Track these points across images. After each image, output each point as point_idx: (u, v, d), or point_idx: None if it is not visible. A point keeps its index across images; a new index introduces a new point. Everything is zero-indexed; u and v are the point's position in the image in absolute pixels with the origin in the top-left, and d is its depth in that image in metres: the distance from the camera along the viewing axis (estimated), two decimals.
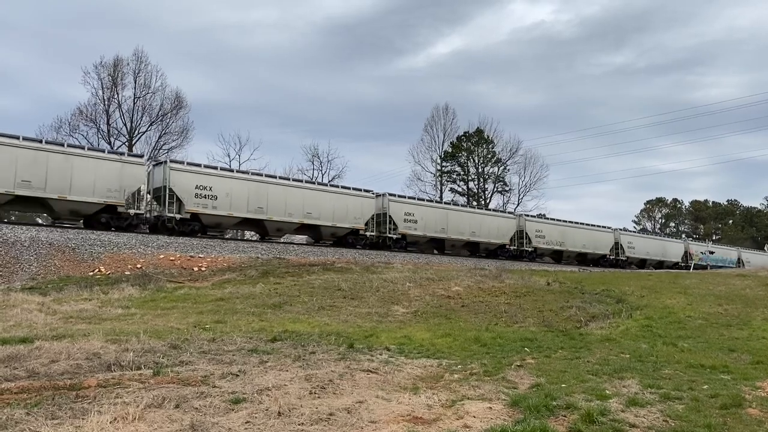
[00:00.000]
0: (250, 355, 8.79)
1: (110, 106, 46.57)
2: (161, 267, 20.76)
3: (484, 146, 62.58)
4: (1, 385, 6.26)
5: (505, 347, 10.57)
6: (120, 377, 6.76)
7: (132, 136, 46.91)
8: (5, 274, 17.71)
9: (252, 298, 16.08)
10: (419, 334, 11.75)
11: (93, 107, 46.10)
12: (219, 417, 5.35)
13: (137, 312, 13.56)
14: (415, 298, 16.61)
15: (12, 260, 18.43)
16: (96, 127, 46.13)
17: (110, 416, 5.01)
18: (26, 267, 18.43)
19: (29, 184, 22.45)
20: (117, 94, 46.76)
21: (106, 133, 46.27)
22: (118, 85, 46.69)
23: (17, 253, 18.89)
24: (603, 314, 14.69)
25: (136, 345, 8.75)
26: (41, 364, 7.39)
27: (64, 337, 9.50)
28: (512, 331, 12.52)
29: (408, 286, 18.30)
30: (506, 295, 17.32)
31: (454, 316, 14.60)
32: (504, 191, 63.38)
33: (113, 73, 46.34)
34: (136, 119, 47.35)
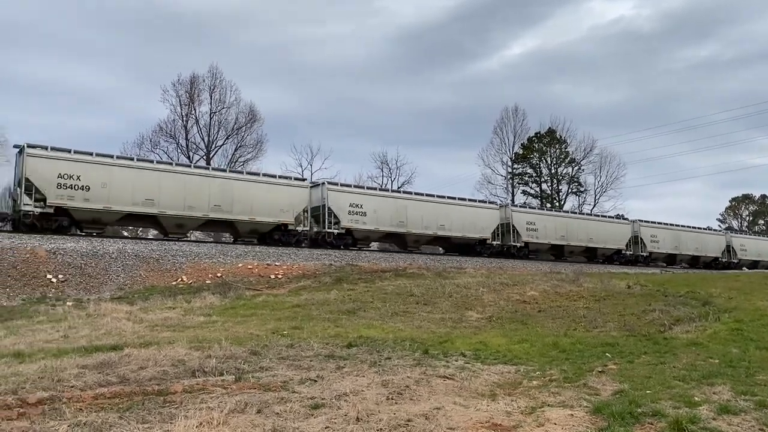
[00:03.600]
0: (327, 361, 8.90)
1: (188, 122, 48.60)
2: (240, 275, 21.37)
3: (557, 146, 61.19)
4: (95, 391, 6.59)
5: (585, 353, 10.27)
6: (204, 383, 6.99)
7: (209, 150, 48.67)
8: (96, 285, 18.69)
9: (327, 304, 16.30)
10: (495, 340, 11.58)
11: (172, 123, 48.26)
12: (299, 422, 5.44)
13: (218, 319, 14.00)
14: (489, 304, 16.40)
15: (101, 271, 19.42)
16: (176, 142, 48.21)
17: (196, 421, 5.19)
18: (114, 278, 19.38)
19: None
20: (194, 110, 48.74)
21: (185, 147, 48.25)
22: (195, 101, 48.66)
23: (106, 264, 19.90)
24: (688, 317, 14.03)
25: (218, 352, 9.03)
26: (131, 370, 7.74)
27: (151, 344, 9.91)
28: (592, 336, 12.15)
29: (482, 291, 18.09)
30: (585, 299, 16.84)
31: (531, 321, 14.31)
32: (579, 192, 61.79)
33: (190, 90, 48.33)
34: (212, 133, 49.18)
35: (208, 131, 48.97)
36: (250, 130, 50.54)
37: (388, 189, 33.40)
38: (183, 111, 48.48)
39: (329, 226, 28.89)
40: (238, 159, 49.68)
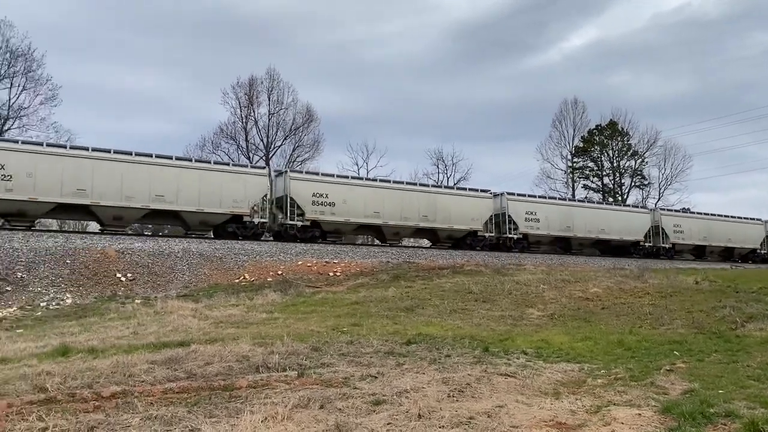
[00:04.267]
0: (386, 358, 8.94)
1: (248, 123, 49.62)
2: (299, 273, 21.70)
3: (619, 139, 59.48)
4: (164, 385, 6.82)
5: (652, 351, 9.97)
6: (268, 378, 7.13)
7: (268, 151, 49.59)
8: (162, 283, 19.32)
9: (385, 301, 16.36)
10: (557, 338, 11.37)
11: (232, 125, 49.44)
12: (361, 418, 5.49)
13: (280, 316, 14.25)
14: (550, 301, 16.11)
15: (168, 270, 20.07)
16: (236, 144, 49.34)
17: (261, 416, 5.30)
18: (180, 276, 19.99)
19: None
20: (253, 112, 49.73)
21: (245, 149, 49.30)
22: (254, 103, 49.66)
23: (172, 263, 20.55)
24: (762, 314, 13.40)
25: (280, 348, 9.19)
26: (198, 366, 7.97)
27: (216, 340, 10.19)
28: (659, 334, 11.77)
29: (542, 288, 17.80)
30: (650, 296, 16.34)
31: (594, 318, 13.98)
32: (642, 185, 59.94)
33: (249, 92, 49.35)
34: (271, 134, 50.06)
35: (267, 132, 49.94)
36: (307, 130, 51.25)
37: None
38: (242, 113, 49.61)
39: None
40: (296, 159, 50.44)
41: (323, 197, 27.79)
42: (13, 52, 39.94)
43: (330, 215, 27.88)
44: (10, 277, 17.31)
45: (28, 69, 40.39)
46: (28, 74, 40.42)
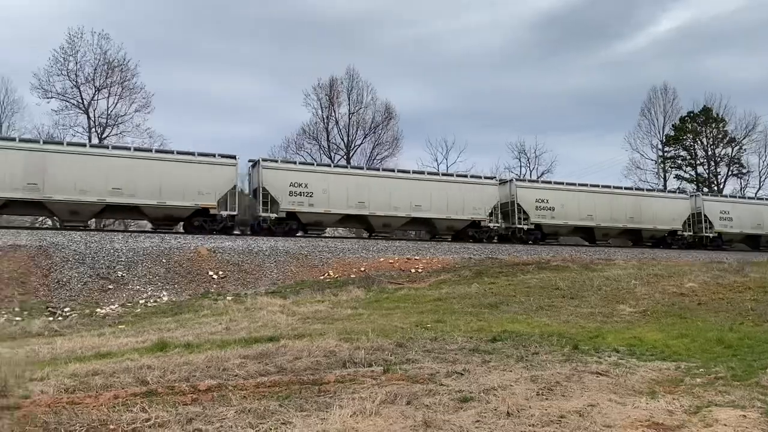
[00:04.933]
0: (471, 355, 8.86)
1: (329, 124, 50.49)
2: (382, 269, 21.88)
3: (713, 126, 56.27)
4: (256, 379, 7.04)
5: (756, 349, 9.38)
6: (354, 374, 7.23)
7: (349, 150, 50.28)
8: (252, 280, 19.99)
9: (468, 298, 16.24)
10: (651, 335, 10.91)
11: (314, 126, 50.43)
12: (449, 415, 5.46)
13: (364, 312, 14.42)
14: (642, 297, 15.49)
15: (257, 268, 20.74)
16: (318, 144, 50.33)
17: (350, 410, 5.38)
18: (268, 273, 20.61)
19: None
20: (334, 112, 50.54)
21: (326, 148, 50.19)
22: (335, 103, 50.45)
23: (260, 261, 21.21)
24: None
25: (365, 343, 9.30)
26: (287, 360, 8.19)
27: (304, 336, 10.43)
28: (763, 331, 11.07)
29: (633, 283, 17.14)
30: (752, 291, 15.41)
31: (690, 315, 13.32)
32: (740, 174, 56.50)
33: (330, 93, 50.19)
34: (351, 133, 50.71)
35: (347, 131, 50.62)
36: (386, 128, 51.56)
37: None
38: (323, 113, 50.51)
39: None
40: (375, 157, 50.87)
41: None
42: (110, 63, 42.39)
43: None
44: (112, 276, 18.38)
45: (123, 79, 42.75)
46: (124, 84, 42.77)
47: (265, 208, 25.34)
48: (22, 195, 21.80)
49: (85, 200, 22.49)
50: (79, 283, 17.64)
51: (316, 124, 50.52)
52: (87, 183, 22.37)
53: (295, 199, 25.79)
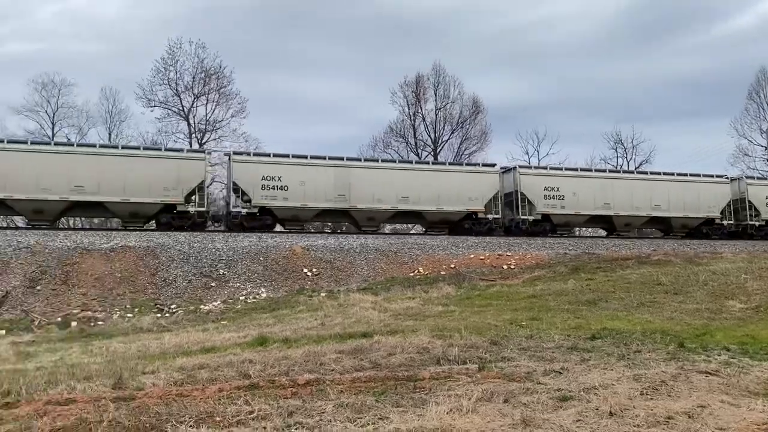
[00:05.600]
0: (570, 353, 8.61)
1: (415, 120, 50.56)
2: (472, 266, 21.68)
3: None
4: (352, 375, 7.16)
5: None
6: (449, 371, 7.20)
7: (436, 146, 50.15)
8: (344, 277, 20.36)
9: (564, 294, 15.81)
10: (765, 333, 10.21)
11: (401, 123, 50.65)
12: (548, 414, 5.33)
13: (455, 309, 14.35)
14: (755, 292, 14.53)
15: (348, 265, 21.09)
16: (405, 141, 50.53)
17: (446, 407, 5.36)
18: (359, 270, 20.92)
19: None
20: (421, 109, 50.54)
21: (413, 145, 50.31)
22: (421, 99, 50.44)
23: (351, 258, 21.56)
24: None
25: (459, 341, 9.25)
26: (381, 356, 8.28)
27: (396, 332, 10.50)
28: None
29: (744, 278, 16.11)
30: None
31: None
32: None
33: (416, 90, 50.23)
34: (438, 129, 50.55)
35: (434, 127, 50.50)
36: (474, 122, 51.01)
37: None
38: (410, 110, 50.63)
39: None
40: (463, 152, 50.45)
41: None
42: (207, 71, 44.40)
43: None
44: (214, 274, 19.24)
45: (220, 85, 44.67)
46: (220, 90, 44.69)
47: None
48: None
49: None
50: (184, 282, 18.59)
51: (403, 121, 50.73)
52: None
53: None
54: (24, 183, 22.25)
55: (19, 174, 22.24)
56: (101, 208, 23.90)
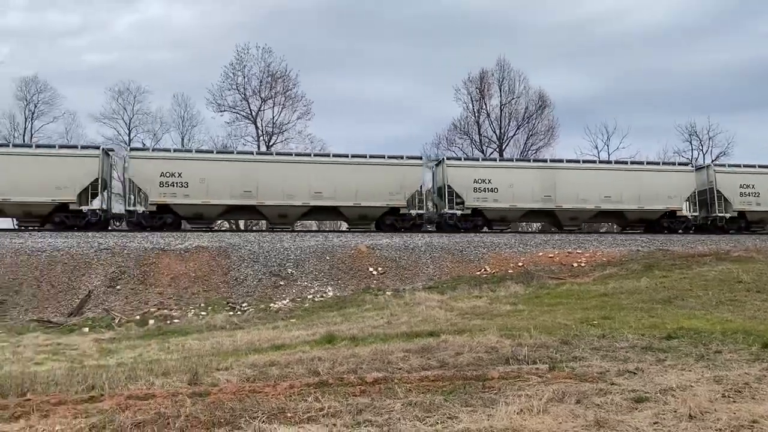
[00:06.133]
0: (644, 353, 8.32)
1: (480, 117, 50.11)
2: (541, 264, 21.30)
3: None
4: (419, 373, 7.16)
5: None
6: (518, 370, 7.09)
7: (502, 142, 49.54)
8: (409, 276, 20.40)
9: (637, 293, 15.31)
10: None
11: (465, 120, 50.32)
12: (623, 415, 5.17)
13: (524, 308, 14.13)
14: None
15: (413, 264, 21.12)
16: (469, 138, 50.16)
17: (516, 407, 5.28)
18: (424, 269, 20.91)
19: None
20: (485, 105, 50.07)
21: (478, 142, 49.88)
22: (486, 96, 49.97)
23: (417, 257, 21.57)
24: None
25: (528, 340, 9.09)
26: (449, 355, 8.24)
27: (464, 331, 10.43)
28: None
29: None
30: None
31: None
32: None
33: (480, 86, 49.80)
34: (503, 125, 49.94)
35: (499, 124, 49.91)
36: (541, 117, 50.15)
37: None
38: (474, 107, 50.24)
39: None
40: (530, 148, 49.64)
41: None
42: (273, 75, 45.42)
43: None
44: (283, 273, 19.66)
45: (286, 89, 45.65)
46: (287, 93, 45.66)
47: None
48: None
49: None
50: (254, 281, 19.08)
51: (467, 118, 50.40)
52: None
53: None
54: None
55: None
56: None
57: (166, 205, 24.01)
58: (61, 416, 5.46)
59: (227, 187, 24.30)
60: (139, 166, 24.18)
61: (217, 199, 24.29)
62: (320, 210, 25.89)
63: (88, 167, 23.54)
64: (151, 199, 23.78)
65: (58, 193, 22.91)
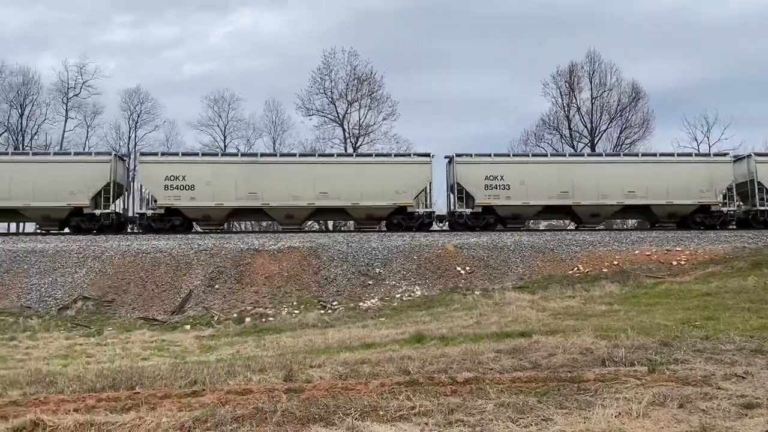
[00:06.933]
0: (754, 356, 7.81)
1: (570, 111, 48.74)
2: (637, 263, 20.45)
3: None
4: (511, 374, 7.05)
5: None
6: (615, 372, 6.85)
7: (593, 136, 47.97)
8: (498, 276, 20.11)
9: (744, 292, 14.40)
10: None
11: (554, 115, 49.09)
12: (731, 421, 4.88)
13: (620, 308, 13.61)
14: None
15: (502, 263, 20.81)
16: (558, 134, 48.90)
17: (614, 410, 5.10)
18: (514, 268, 20.55)
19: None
20: (575, 99, 48.64)
21: (568, 137, 48.53)
22: (575, 89, 48.55)
23: (505, 256, 21.24)
24: None
25: (625, 341, 8.75)
26: (541, 356, 8.06)
27: (556, 332, 10.17)
28: None
29: None
30: None
31: None
32: None
33: (569, 80, 48.45)
34: (595, 119, 48.33)
35: (590, 117, 48.35)
36: (635, 110, 48.15)
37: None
38: (563, 101, 48.92)
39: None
40: (623, 141, 47.75)
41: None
42: (359, 77, 46.09)
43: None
44: (371, 272, 19.90)
45: (371, 91, 46.21)
46: (372, 95, 46.21)
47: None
48: None
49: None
50: (343, 280, 19.42)
51: (556, 113, 49.16)
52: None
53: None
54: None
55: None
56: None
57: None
58: (167, 409, 5.77)
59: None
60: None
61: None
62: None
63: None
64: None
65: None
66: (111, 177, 24.37)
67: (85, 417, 5.42)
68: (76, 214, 24.37)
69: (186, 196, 24.34)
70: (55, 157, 26.15)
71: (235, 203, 24.77)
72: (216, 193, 24.48)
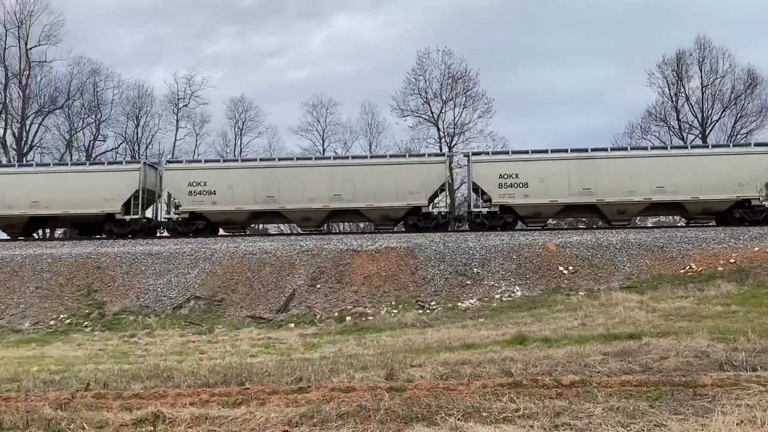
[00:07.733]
0: None
1: (678, 101, 46.15)
2: (757, 261, 19.04)
3: None
4: (620, 377, 6.76)
5: None
6: (735, 377, 6.41)
7: (705, 127, 45.18)
8: (603, 275, 19.36)
9: None
10: None
11: (661, 106, 46.63)
12: None
13: (738, 309, 12.78)
14: None
15: (608, 262, 20.01)
16: (666, 125, 46.42)
17: (735, 418, 4.77)
18: (621, 268, 19.70)
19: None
20: (683, 88, 46.00)
21: (677, 129, 45.98)
22: (684, 78, 45.90)
23: (611, 255, 20.41)
24: None
25: (745, 344, 8.19)
26: (652, 359, 7.68)
27: (668, 334, 9.68)
28: None
29: None
30: None
31: None
32: None
33: (677, 68, 45.85)
34: (706, 109, 45.50)
35: (701, 107, 45.54)
36: (751, 97, 44.84)
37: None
38: (671, 91, 46.37)
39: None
40: (739, 131, 44.62)
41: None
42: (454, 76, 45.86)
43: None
44: (469, 272, 19.73)
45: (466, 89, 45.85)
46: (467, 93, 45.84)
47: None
48: None
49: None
50: (441, 280, 19.38)
51: (663, 103, 46.62)
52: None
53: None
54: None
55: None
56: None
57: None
58: (275, 404, 5.99)
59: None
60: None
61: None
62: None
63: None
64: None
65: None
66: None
67: (200, 411, 5.73)
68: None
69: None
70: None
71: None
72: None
